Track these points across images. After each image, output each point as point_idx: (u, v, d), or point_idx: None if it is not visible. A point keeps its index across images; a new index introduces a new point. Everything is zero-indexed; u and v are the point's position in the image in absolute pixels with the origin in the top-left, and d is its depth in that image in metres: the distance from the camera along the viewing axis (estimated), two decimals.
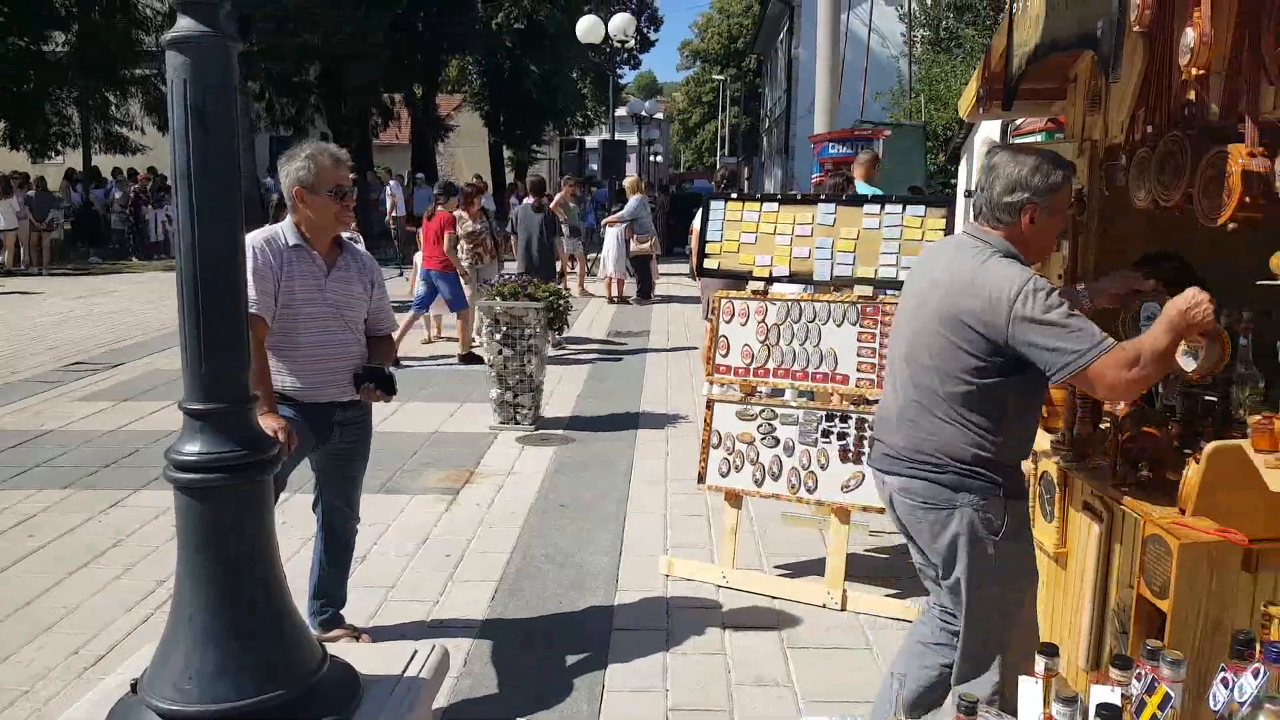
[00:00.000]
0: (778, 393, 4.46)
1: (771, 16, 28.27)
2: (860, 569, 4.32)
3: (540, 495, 5.52)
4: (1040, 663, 1.46)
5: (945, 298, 2.41)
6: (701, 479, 4.30)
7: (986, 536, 2.43)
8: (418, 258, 10.28)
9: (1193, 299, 2.23)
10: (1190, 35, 1.86)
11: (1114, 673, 1.37)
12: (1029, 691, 1.40)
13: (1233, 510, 2.07)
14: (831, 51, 12.84)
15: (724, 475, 4.24)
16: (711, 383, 4.36)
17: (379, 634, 3.77)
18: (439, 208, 9.63)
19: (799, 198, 4.33)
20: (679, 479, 5.72)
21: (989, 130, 13.47)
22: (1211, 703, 1.46)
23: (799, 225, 4.18)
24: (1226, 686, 1.51)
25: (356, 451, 3.57)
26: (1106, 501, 2.90)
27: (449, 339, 10.29)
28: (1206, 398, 3.02)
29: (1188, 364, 2.22)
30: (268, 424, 2.88)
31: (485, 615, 4.00)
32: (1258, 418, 1.89)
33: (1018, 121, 12.02)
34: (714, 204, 4.37)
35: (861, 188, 7.06)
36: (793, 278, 4.24)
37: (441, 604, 4.11)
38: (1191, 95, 2.48)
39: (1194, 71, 1.85)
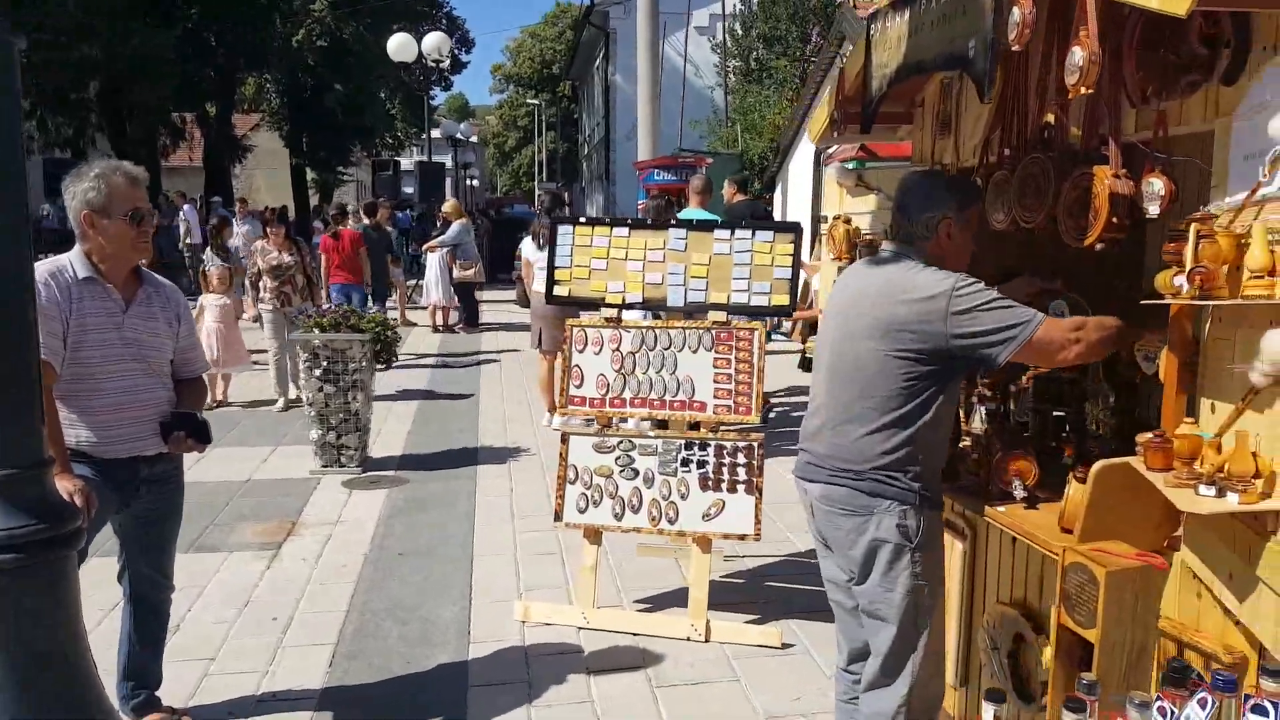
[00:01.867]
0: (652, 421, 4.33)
1: (587, 42, 28.46)
2: (719, 596, 4.22)
3: (374, 544, 5.11)
4: (989, 710, 1.36)
5: (875, 307, 2.44)
6: (559, 516, 4.08)
7: (902, 543, 2.45)
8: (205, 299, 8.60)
9: None
10: (1079, 54, 1.86)
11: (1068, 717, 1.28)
12: None
13: (1118, 528, 2.09)
14: (652, 79, 13.01)
15: (582, 511, 4.04)
16: (566, 415, 4.16)
17: (202, 713, 3.32)
18: (340, 227, 10.55)
19: (650, 223, 4.22)
20: (527, 515, 5.47)
21: (803, 159, 14.07)
22: None
23: (651, 251, 4.07)
24: (1165, 716, 1.46)
25: (167, 511, 3.13)
26: (969, 518, 2.93)
27: (245, 403, 8.76)
28: (1055, 413, 3.13)
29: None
30: (61, 486, 2.45)
31: (323, 683, 3.61)
32: (1149, 436, 1.91)
33: (829, 150, 12.60)
34: (562, 229, 4.20)
35: (697, 213, 7.08)
36: (646, 304, 4.12)
37: (272, 674, 3.68)
38: (1050, 118, 2.54)
39: (1082, 90, 1.86)
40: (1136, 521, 2.12)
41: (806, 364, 10.20)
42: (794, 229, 3.98)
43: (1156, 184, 2.05)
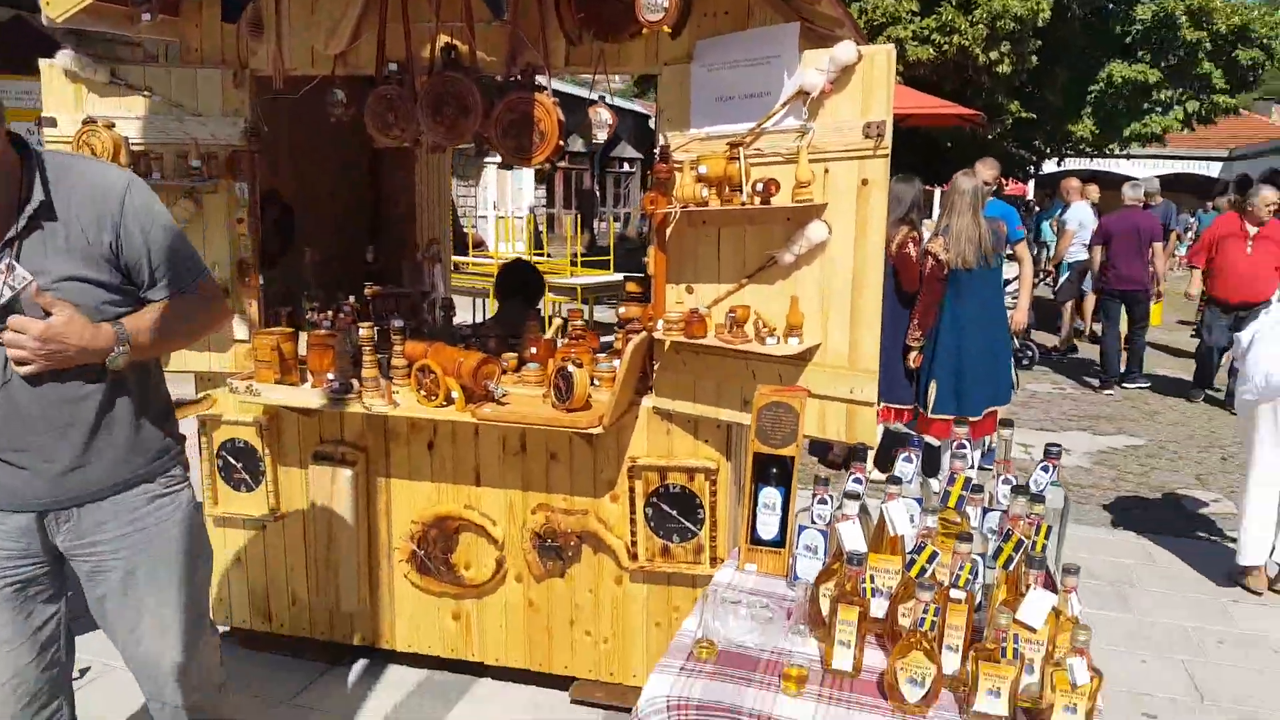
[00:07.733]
0: None
1: None
2: None
3: None
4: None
5: None
6: None
7: None
8: None
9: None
10: None
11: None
12: None
13: (623, 393, 2.57)
14: None
15: None
16: None
17: None
18: None
19: None
20: None
21: None
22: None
23: None
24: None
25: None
26: (353, 444, 2.96)
27: None
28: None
29: None
30: None
31: None
32: (682, 315, 2.41)
33: None
34: None
35: None
36: None
37: None
38: (448, 38, 2.62)
39: (665, 29, 2.13)
40: (631, 384, 2.64)
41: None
42: None
43: (604, 114, 2.50)
